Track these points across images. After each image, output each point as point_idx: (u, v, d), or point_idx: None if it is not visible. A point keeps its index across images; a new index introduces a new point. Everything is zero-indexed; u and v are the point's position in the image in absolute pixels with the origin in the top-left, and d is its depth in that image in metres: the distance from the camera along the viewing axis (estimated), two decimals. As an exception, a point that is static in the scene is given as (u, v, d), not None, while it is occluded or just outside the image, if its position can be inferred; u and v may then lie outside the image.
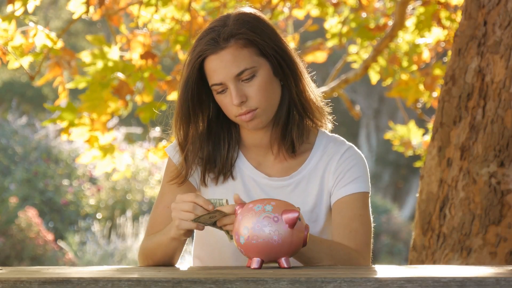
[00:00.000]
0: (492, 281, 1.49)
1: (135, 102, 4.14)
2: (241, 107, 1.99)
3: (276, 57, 2.02)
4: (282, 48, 2.03)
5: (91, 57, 3.94)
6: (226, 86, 1.99)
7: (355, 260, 1.98)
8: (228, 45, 1.97)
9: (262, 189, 2.08)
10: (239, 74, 1.98)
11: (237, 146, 2.12)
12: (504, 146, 2.84)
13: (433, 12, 4.85)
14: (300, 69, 2.07)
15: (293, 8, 5.18)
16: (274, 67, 2.02)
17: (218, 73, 1.98)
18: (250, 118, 2.00)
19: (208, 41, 1.99)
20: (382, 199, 15.26)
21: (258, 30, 2.00)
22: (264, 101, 2.00)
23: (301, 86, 2.06)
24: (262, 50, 2.00)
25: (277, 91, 2.04)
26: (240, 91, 1.98)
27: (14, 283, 1.55)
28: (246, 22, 2.00)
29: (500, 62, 2.86)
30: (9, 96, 17.28)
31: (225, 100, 2.01)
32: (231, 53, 1.97)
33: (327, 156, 2.09)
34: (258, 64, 1.99)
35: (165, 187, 2.12)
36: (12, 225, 9.12)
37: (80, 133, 4.03)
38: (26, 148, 10.70)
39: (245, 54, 1.98)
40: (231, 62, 1.97)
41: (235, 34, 1.98)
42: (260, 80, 1.99)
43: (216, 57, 1.98)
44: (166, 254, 2.00)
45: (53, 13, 18.08)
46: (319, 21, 5.65)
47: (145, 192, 10.66)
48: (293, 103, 2.06)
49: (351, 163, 2.08)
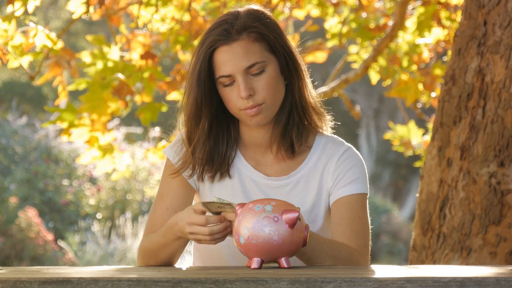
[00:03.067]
0: (492, 281, 1.49)
1: (135, 103, 4.14)
2: (248, 100, 1.99)
3: (284, 55, 2.03)
4: (289, 47, 2.05)
5: (91, 57, 3.93)
6: (234, 79, 1.99)
7: (356, 261, 1.98)
8: (240, 37, 1.98)
9: (260, 189, 2.08)
10: (249, 68, 1.98)
11: (235, 145, 2.12)
12: (504, 146, 2.84)
13: (433, 12, 4.85)
14: (304, 72, 2.08)
15: (293, 8, 5.17)
16: (281, 65, 2.03)
17: (227, 65, 1.98)
18: (255, 112, 2.00)
19: (221, 32, 1.99)
20: (382, 199, 15.26)
21: (269, 26, 2.02)
22: (270, 96, 2.00)
23: (303, 88, 2.07)
24: (272, 46, 2.01)
25: (282, 89, 2.05)
26: (249, 84, 1.99)
27: (14, 283, 1.55)
28: (259, 18, 2.02)
29: (500, 62, 2.86)
30: (9, 96, 17.28)
31: (232, 93, 2.01)
32: (243, 46, 1.98)
33: (326, 156, 2.10)
34: (267, 59, 2.00)
35: (163, 188, 2.11)
36: (12, 225, 9.12)
37: (80, 134, 4.03)
38: (26, 148, 10.70)
39: (256, 48, 1.99)
40: (241, 54, 1.98)
41: (249, 27, 1.99)
42: (268, 75, 2.00)
43: (228, 48, 1.98)
44: (169, 254, 2.01)
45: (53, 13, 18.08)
46: (319, 21, 5.65)
47: (145, 192, 10.66)
48: (294, 104, 2.06)
49: (350, 164, 2.08)
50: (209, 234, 1.84)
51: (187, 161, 2.07)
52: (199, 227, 1.85)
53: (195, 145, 2.06)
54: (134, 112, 4.23)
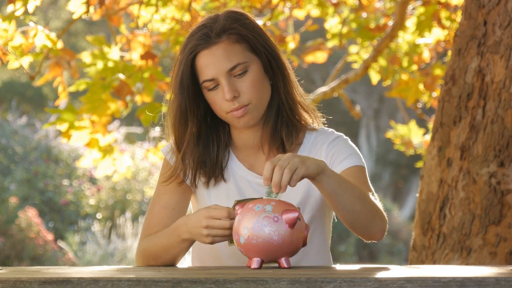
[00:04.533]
0: (492, 281, 1.49)
1: (135, 103, 4.14)
2: (233, 102, 1.99)
3: (267, 55, 2.03)
4: (271, 47, 2.05)
5: (91, 57, 3.93)
6: (218, 82, 1.99)
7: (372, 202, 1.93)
8: (220, 40, 1.99)
9: (255, 189, 2.08)
10: (232, 69, 1.98)
11: (228, 148, 2.12)
12: (504, 146, 2.84)
13: (433, 12, 4.85)
14: (288, 71, 2.08)
15: (293, 8, 5.18)
16: (264, 65, 2.03)
17: (210, 68, 1.98)
18: (241, 114, 2.00)
19: (200, 37, 1.99)
20: (382, 199, 15.26)
21: (249, 27, 2.02)
22: (255, 96, 2.00)
23: (289, 87, 2.07)
24: (253, 46, 2.01)
25: (267, 89, 2.05)
26: (233, 86, 1.98)
27: (14, 283, 1.55)
28: (237, 19, 2.02)
29: (500, 62, 2.86)
30: (9, 96, 17.28)
31: (216, 97, 2.01)
32: (223, 48, 1.98)
33: (317, 147, 2.09)
34: (250, 60, 2.00)
35: (160, 187, 2.11)
36: (12, 225, 9.12)
37: (80, 136, 4.02)
38: (26, 148, 10.70)
39: (237, 49, 1.99)
40: (223, 57, 1.98)
41: (228, 29, 1.99)
42: (252, 75, 2.00)
43: (208, 52, 1.98)
44: (172, 256, 2.00)
45: (53, 13, 18.08)
46: (319, 21, 5.65)
47: (145, 192, 10.66)
48: (281, 103, 2.06)
49: (342, 145, 2.08)
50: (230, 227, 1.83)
51: (178, 168, 2.07)
52: (218, 221, 1.84)
53: (185, 152, 2.06)
54: (134, 113, 4.23)
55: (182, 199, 2.10)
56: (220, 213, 1.84)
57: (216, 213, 1.85)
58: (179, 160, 2.07)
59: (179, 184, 2.09)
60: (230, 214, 1.84)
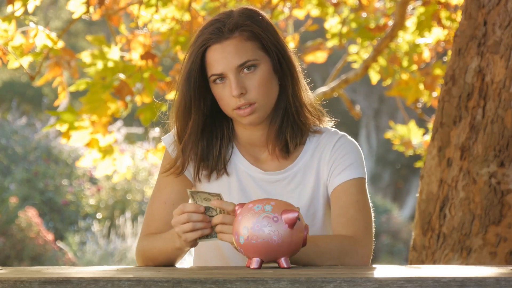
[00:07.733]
0: (492, 281, 1.49)
1: (135, 103, 4.14)
2: (240, 99, 1.99)
3: (277, 54, 2.02)
4: (283, 47, 2.05)
5: (91, 57, 3.94)
6: (226, 77, 1.99)
7: (351, 248, 1.94)
8: (232, 35, 1.98)
9: (258, 184, 2.08)
10: (241, 66, 1.98)
11: (231, 143, 2.11)
12: (504, 146, 2.84)
13: (433, 12, 4.85)
14: (298, 72, 2.08)
15: (293, 8, 5.18)
16: (274, 64, 2.03)
17: (219, 63, 1.98)
18: (248, 112, 2.00)
19: (213, 31, 1.99)
20: (382, 199, 15.26)
21: (262, 25, 2.02)
22: (263, 95, 2.00)
23: (297, 89, 2.07)
24: (265, 45, 2.01)
25: (275, 89, 2.04)
26: (240, 83, 1.98)
27: (14, 283, 1.55)
28: (251, 17, 2.02)
29: (500, 62, 2.86)
30: (9, 96, 17.28)
31: (224, 92, 2.00)
32: (235, 44, 1.98)
33: (321, 147, 2.09)
34: (260, 58, 2.00)
35: (161, 181, 2.11)
36: (12, 225, 9.12)
37: (80, 136, 4.02)
38: (26, 148, 10.70)
39: (248, 47, 1.99)
40: (233, 53, 1.98)
41: (241, 25, 1.99)
42: (260, 74, 1.99)
43: (219, 47, 1.98)
44: (168, 259, 2.01)
45: (53, 13, 18.08)
46: (319, 21, 5.65)
47: (145, 192, 10.66)
48: (288, 104, 2.06)
49: (344, 151, 2.07)
50: (188, 220, 1.82)
51: (178, 159, 2.07)
52: (178, 216, 1.84)
53: (186, 143, 2.06)
54: (134, 113, 4.23)
55: (182, 193, 2.09)
56: (176, 211, 1.84)
57: (177, 211, 1.84)
58: (179, 151, 2.07)
59: (180, 176, 2.09)
60: (185, 207, 1.82)
